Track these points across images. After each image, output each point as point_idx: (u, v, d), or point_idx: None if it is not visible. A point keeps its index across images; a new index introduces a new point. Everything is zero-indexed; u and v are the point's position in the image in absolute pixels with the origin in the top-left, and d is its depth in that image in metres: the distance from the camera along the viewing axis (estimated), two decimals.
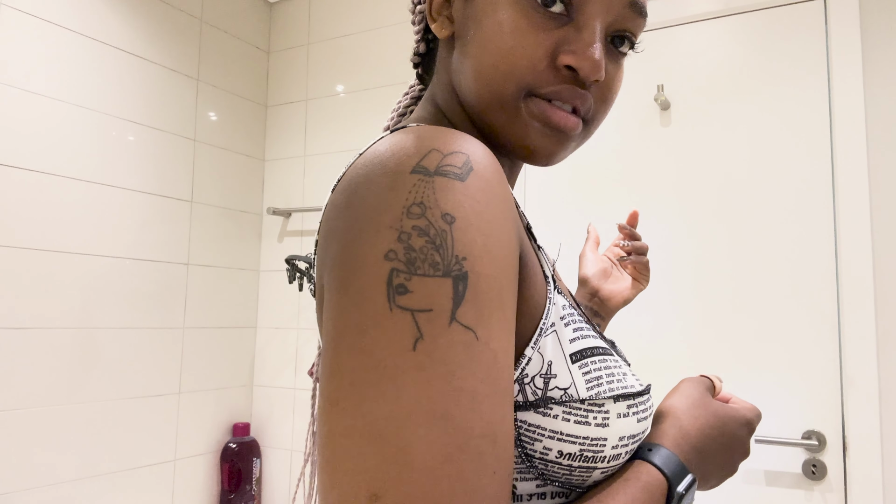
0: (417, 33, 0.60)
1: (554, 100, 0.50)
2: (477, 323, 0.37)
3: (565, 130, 0.51)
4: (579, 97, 0.50)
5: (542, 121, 0.50)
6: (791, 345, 1.54)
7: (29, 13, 1.65)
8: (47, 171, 1.68)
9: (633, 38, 0.53)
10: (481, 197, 0.40)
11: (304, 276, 2.06)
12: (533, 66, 0.49)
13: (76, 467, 1.72)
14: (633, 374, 0.50)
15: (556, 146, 0.52)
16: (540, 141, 0.51)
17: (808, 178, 1.57)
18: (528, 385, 0.44)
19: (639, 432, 0.47)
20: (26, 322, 1.62)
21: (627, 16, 0.51)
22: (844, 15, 1.54)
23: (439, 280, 0.36)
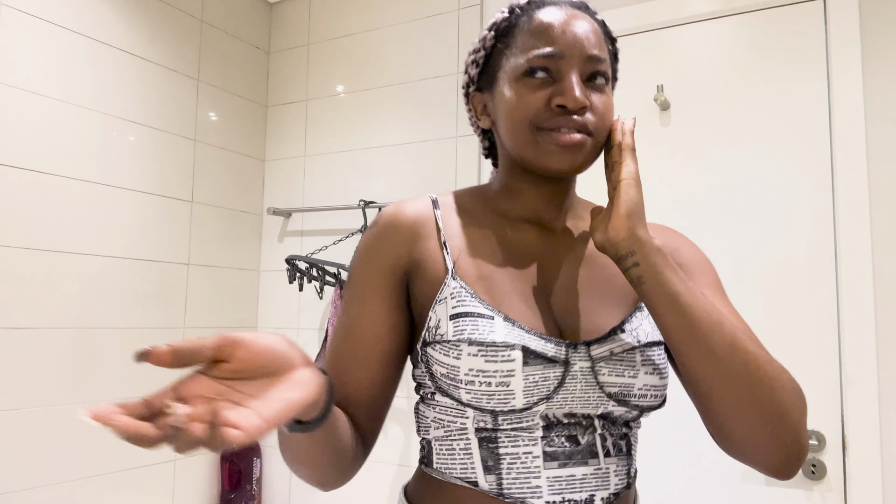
0: (478, 136, 0.88)
1: (561, 127, 0.72)
2: (345, 302, 0.78)
3: (573, 145, 0.71)
4: (576, 123, 0.72)
5: (554, 144, 0.72)
6: (790, 344, 1.54)
7: (29, 13, 1.65)
8: (47, 171, 1.68)
9: (603, 75, 0.74)
10: (364, 241, 0.79)
11: (304, 276, 2.06)
12: (535, 111, 0.72)
13: (76, 467, 1.72)
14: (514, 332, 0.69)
15: (571, 157, 0.72)
16: (556, 158, 0.72)
17: (808, 178, 1.57)
18: (429, 331, 0.72)
19: (489, 370, 0.67)
20: (26, 322, 1.62)
21: (590, 65, 0.73)
22: (844, 15, 1.54)
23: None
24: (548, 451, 0.69)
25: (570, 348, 0.70)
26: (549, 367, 0.68)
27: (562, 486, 0.69)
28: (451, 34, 2.07)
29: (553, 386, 0.68)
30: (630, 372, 0.70)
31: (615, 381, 0.70)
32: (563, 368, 0.69)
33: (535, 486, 0.68)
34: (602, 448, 0.71)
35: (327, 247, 2.10)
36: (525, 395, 0.67)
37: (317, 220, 2.26)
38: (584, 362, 0.70)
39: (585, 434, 0.71)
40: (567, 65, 0.72)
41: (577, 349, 0.70)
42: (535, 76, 0.73)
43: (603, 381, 0.70)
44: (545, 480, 0.69)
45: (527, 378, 0.67)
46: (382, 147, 2.16)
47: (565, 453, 0.69)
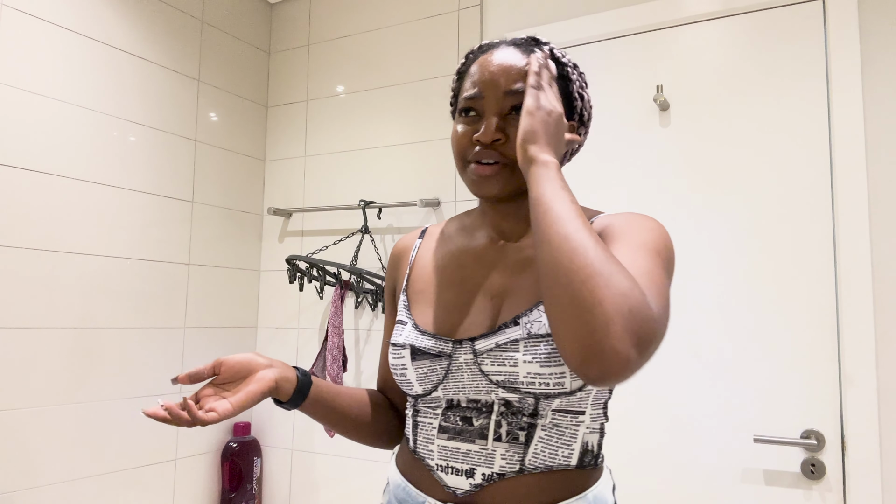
0: None
1: (480, 160, 0.85)
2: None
3: (487, 175, 0.84)
4: (489, 155, 0.84)
5: (475, 174, 0.85)
6: (790, 344, 1.54)
7: (29, 13, 1.65)
8: (47, 171, 1.68)
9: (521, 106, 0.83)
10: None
11: (304, 275, 2.06)
12: (462, 146, 0.87)
13: (76, 467, 1.72)
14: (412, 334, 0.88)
15: (488, 185, 0.85)
16: (477, 186, 0.86)
17: (807, 178, 1.57)
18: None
19: (395, 364, 0.88)
20: (26, 322, 1.62)
21: (508, 101, 0.84)
22: (843, 15, 1.54)
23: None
24: (443, 424, 0.85)
25: (456, 344, 0.84)
26: (435, 360, 0.85)
27: (447, 455, 0.83)
28: (451, 34, 2.07)
29: (441, 376, 0.84)
30: (511, 362, 0.79)
31: (499, 371, 0.80)
32: (447, 361, 0.84)
33: (430, 450, 0.85)
34: (494, 433, 0.82)
35: (327, 247, 2.10)
36: (420, 383, 0.86)
37: (317, 220, 2.26)
38: (468, 355, 0.83)
39: (480, 417, 0.82)
40: (487, 104, 0.85)
41: (461, 345, 0.84)
42: (468, 115, 0.87)
43: (487, 371, 0.81)
44: (436, 447, 0.85)
45: (417, 370, 0.86)
46: (382, 147, 2.16)
47: (455, 429, 0.84)
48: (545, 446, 0.81)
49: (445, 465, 0.83)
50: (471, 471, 0.81)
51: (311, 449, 2.16)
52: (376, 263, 2.11)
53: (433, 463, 0.84)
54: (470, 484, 0.81)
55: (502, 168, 0.84)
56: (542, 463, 0.80)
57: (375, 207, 2.08)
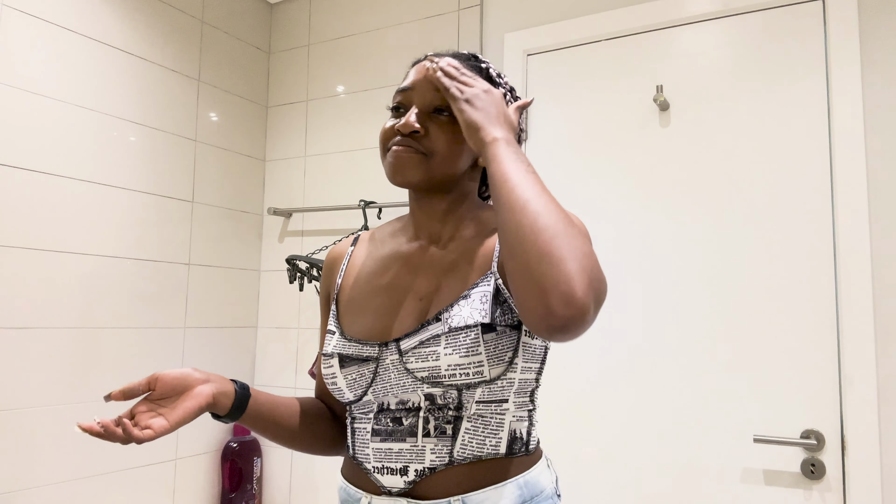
0: None
1: (398, 146, 0.87)
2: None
3: (398, 158, 0.87)
4: (405, 143, 0.87)
5: (391, 158, 0.88)
6: (790, 344, 1.54)
7: (29, 13, 1.65)
8: (47, 171, 1.68)
9: (446, 110, 0.88)
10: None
11: (304, 275, 2.06)
12: (385, 135, 0.90)
13: (76, 467, 1.72)
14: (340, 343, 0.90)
15: (401, 170, 0.87)
16: (391, 171, 0.88)
17: (807, 178, 1.57)
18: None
19: (326, 374, 0.90)
20: (26, 322, 1.62)
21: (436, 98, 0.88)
22: (843, 15, 1.54)
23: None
24: (375, 428, 0.87)
25: (382, 347, 0.86)
26: (363, 365, 0.87)
27: (381, 456, 0.85)
28: (451, 34, 2.07)
29: (369, 379, 0.87)
30: (433, 356, 0.81)
31: (422, 367, 0.82)
32: (375, 364, 0.86)
33: (366, 454, 0.87)
34: (423, 429, 0.84)
35: (328, 247, 2.10)
36: (350, 389, 0.88)
37: (317, 220, 2.26)
38: (393, 356, 0.85)
39: (409, 417, 0.85)
40: (414, 96, 0.89)
41: (388, 346, 0.86)
42: (397, 111, 0.91)
43: (412, 368, 0.83)
44: (371, 450, 0.87)
45: (346, 377, 0.88)
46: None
47: (387, 431, 0.86)
48: (472, 437, 0.83)
49: (381, 467, 0.85)
50: (404, 468, 0.84)
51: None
52: None
53: (370, 465, 0.87)
54: (404, 482, 0.84)
55: (418, 156, 0.87)
56: (471, 453, 0.83)
57: (375, 207, 2.08)
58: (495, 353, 0.81)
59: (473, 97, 0.83)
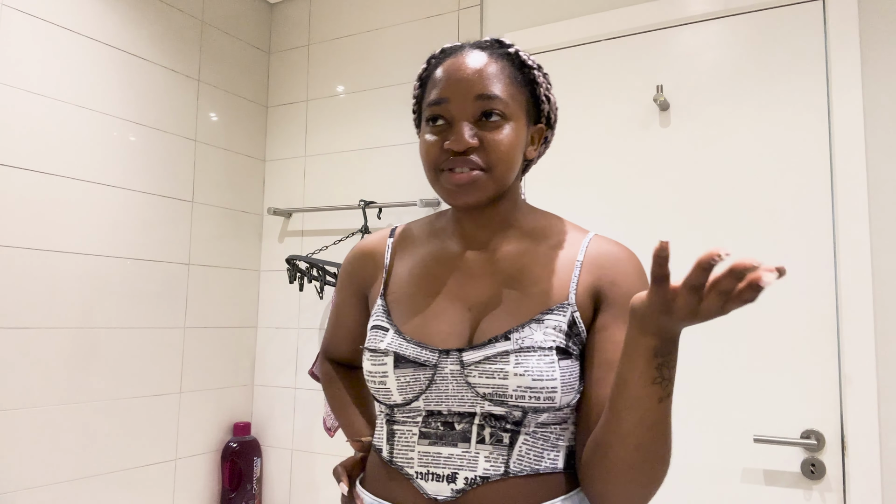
0: None
1: (454, 168, 0.81)
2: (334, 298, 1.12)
3: (464, 183, 0.81)
4: (462, 162, 0.81)
5: (450, 183, 0.82)
6: (790, 344, 1.54)
7: (29, 13, 1.65)
8: (47, 171, 1.68)
9: (494, 112, 0.81)
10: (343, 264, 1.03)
11: (304, 275, 2.06)
12: (434, 156, 0.83)
13: (76, 467, 1.72)
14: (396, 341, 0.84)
15: (465, 194, 0.82)
16: (454, 196, 0.82)
17: (807, 178, 1.57)
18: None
19: (374, 371, 0.84)
20: (26, 322, 1.62)
21: (479, 105, 0.81)
22: (843, 15, 1.54)
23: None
24: (423, 430, 0.82)
25: (442, 354, 0.81)
26: (419, 370, 0.82)
27: (428, 461, 0.80)
28: (451, 34, 2.07)
29: (423, 386, 0.81)
30: (500, 374, 0.77)
31: (486, 383, 0.78)
32: (432, 371, 0.81)
33: (410, 458, 0.82)
34: (477, 435, 0.79)
35: (327, 247, 2.10)
36: (400, 392, 0.83)
37: (317, 220, 2.26)
38: (454, 366, 0.80)
39: (462, 422, 0.80)
40: (455, 109, 0.82)
41: (448, 355, 0.81)
42: (435, 123, 0.84)
43: (474, 383, 0.79)
44: (416, 454, 0.81)
45: (398, 378, 0.82)
46: (382, 147, 2.16)
47: (437, 434, 0.81)
48: (530, 449, 0.79)
49: (426, 472, 0.80)
50: (453, 475, 0.79)
51: (311, 449, 2.16)
52: None
53: (412, 471, 0.81)
54: (451, 489, 0.78)
55: (479, 174, 0.81)
56: (528, 466, 0.79)
57: (375, 207, 2.08)
58: (568, 381, 0.78)
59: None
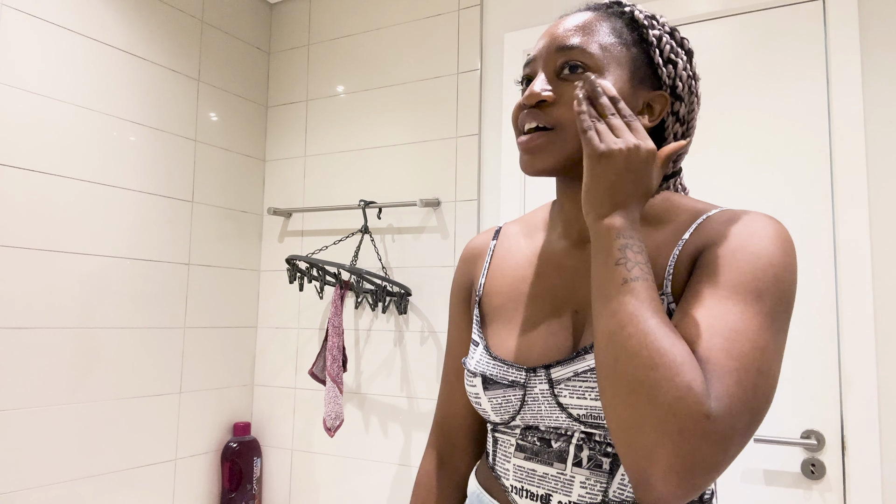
0: None
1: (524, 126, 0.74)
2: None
3: (526, 147, 0.73)
4: (532, 117, 0.72)
5: (520, 149, 0.74)
6: (790, 344, 1.54)
7: (29, 13, 1.65)
8: (47, 171, 1.68)
9: (576, 63, 0.72)
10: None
11: (304, 276, 2.06)
12: (515, 117, 0.76)
13: (76, 467, 1.72)
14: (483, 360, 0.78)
15: (530, 158, 0.73)
16: (523, 162, 0.74)
17: (808, 178, 1.57)
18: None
19: (469, 391, 0.79)
20: (26, 322, 1.62)
21: (558, 57, 0.73)
22: (843, 15, 1.54)
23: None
24: (520, 443, 0.75)
25: (530, 373, 0.73)
26: (510, 390, 0.74)
27: (523, 476, 0.74)
28: (451, 34, 2.07)
29: (517, 406, 0.74)
30: (592, 393, 0.67)
31: (578, 404, 0.68)
32: (522, 391, 0.73)
33: (506, 469, 0.76)
34: (574, 457, 0.70)
35: (327, 247, 2.10)
36: (495, 412, 0.77)
37: (317, 220, 2.26)
38: (543, 385, 0.71)
39: (560, 441, 0.72)
40: (539, 65, 0.75)
41: (536, 373, 0.72)
42: (527, 84, 0.77)
43: (565, 404, 0.69)
44: (512, 466, 0.75)
45: (491, 400, 0.76)
46: (382, 147, 2.16)
47: (533, 449, 0.74)
48: None
49: (520, 488, 0.74)
50: (546, 497, 0.71)
51: (311, 449, 2.16)
52: (376, 263, 2.11)
53: (508, 483, 0.75)
54: None
55: (551, 135, 0.71)
56: (630, 497, 0.68)
57: (375, 207, 2.08)
58: None
59: (614, 153, 0.63)
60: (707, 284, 0.62)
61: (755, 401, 0.55)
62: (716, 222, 0.69)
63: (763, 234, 0.65)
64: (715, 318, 0.59)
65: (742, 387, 0.55)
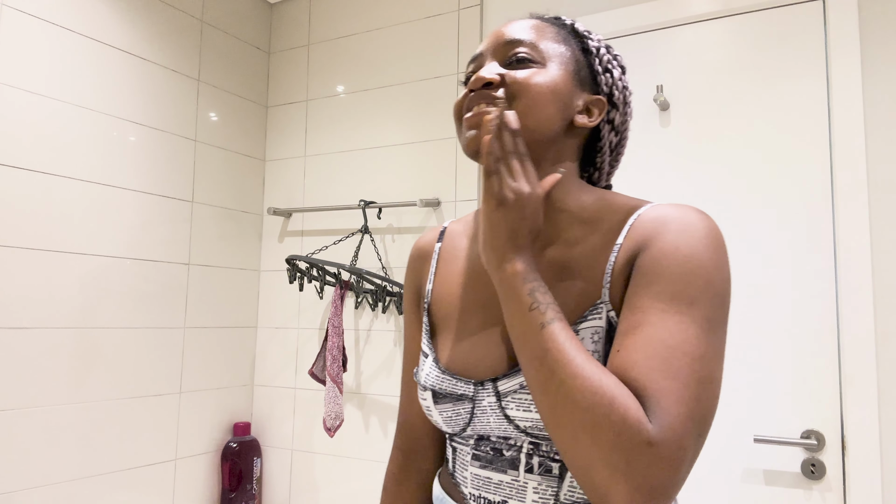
0: None
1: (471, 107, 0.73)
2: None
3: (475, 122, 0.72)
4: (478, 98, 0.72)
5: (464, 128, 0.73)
6: (790, 344, 1.54)
7: (29, 13, 1.65)
8: (47, 171, 1.68)
9: (524, 55, 0.73)
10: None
11: (304, 276, 2.06)
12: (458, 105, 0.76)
13: (76, 467, 1.72)
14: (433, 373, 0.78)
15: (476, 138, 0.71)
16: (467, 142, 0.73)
17: (808, 178, 1.57)
18: None
19: (421, 403, 0.79)
20: (26, 322, 1.62)
21: (506, 49, 0.75)
22: (843, 15, 1.54)
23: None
24: (475, 452, 0.76)
25: (478, 386, 0.73)
26: (459, 403, 0.75)
27: (480, 484, 0.75)
28: (451, 34, 2.07)
29: (466, 419, 0.74)
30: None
31: (525, 416, 0.69)
32: (471, 405, 0.73)
33: (465, 476, 0.77)
34: (525, 464, 0.71)
35: (327, 247, 2.10)
36: (447, 424, 0.77)
37: (317, 220, 2.26)
38: (491, 398, 0.72)
39: (510, 450, 0.73)
40: (485, 61, 0.76)
41: (484, 385, 0.72)
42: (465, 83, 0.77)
43: (512, 416, 0.70)
44: (470, 474, 0.76)
45: (442, 413, 0.77)
46: (382, 147, 2.16)
47: (487, 458, 0.74)
48: None
49: (478, 495, 0.75)
50: (503, 502, 0.73)
51: (311, 449, 2.16)
52: (376, 263, 2.11)
53: (467, 491, 0.76)
54: None
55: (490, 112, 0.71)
56: (583, 498, 0.70)
57: (375, 207, 2.08)
58: None
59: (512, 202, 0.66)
60: (641, 297, 0.63)
61: (699, 411, 0.57)
62: (646, 221, 0.69)
63: (692, 234, 0.65)
64: (651, 336, 0.60)
65: (684, 403, 0.57)
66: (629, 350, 0.60)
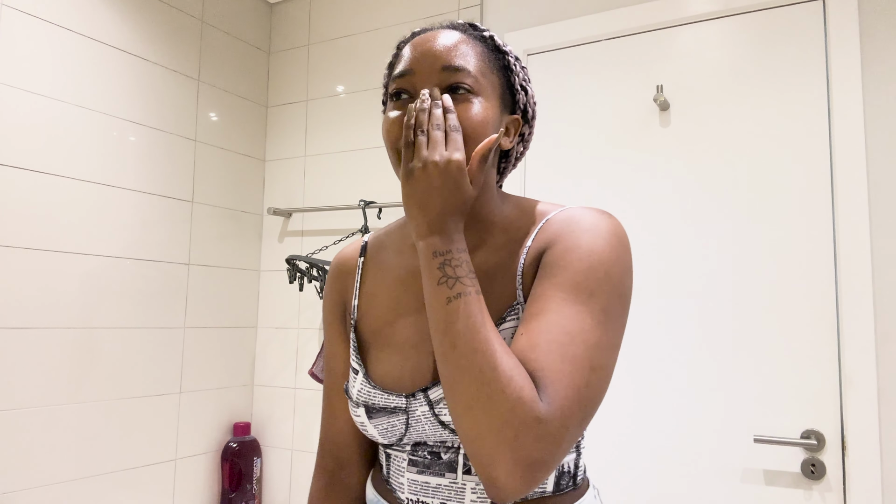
0: None
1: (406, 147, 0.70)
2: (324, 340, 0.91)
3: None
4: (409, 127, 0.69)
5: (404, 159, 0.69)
6: (790, 344, 1.54)
7: (29, 13, 1.65)
8: (48, 171, 1.68)
9: (462, 85, 0.72)
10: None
11: (304, 275, 2.06)
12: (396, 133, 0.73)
13: (76, 467, 1.72)
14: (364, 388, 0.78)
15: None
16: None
17: (808, 178, 1.57)
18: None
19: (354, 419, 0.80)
20: (26, 322, 1.62)
21: (445, 76, 0.72)
22: (843, 15, 1.54)
23: None
24: (412, 458, 0.77)
25: (410, 397, 0.74)
26: (393, 415, 0.76)
27: (417, 489, 0.76)
28: None
29: (402, 430, 0.76)
30: None
31: None
32: (405, 416, 0.75)
33: (401, 483, 0.78)
34: (463, 465, 0.74)
35: (327, 247, 2.10)
36: (383, 436, 0.78)
37: (317, 220, 2.26)
38: (423, 407, 0.74)
39: (448, 452, 0.75)
40: (420, 81, 0.73)
41: (415, 397, 0.74)
42: (399, 98, 0.75)
43: (447, 421, 0.72)
44: (406, 480, 0.77)
45: (377, 426, 0.77)
46: (382, 147, 2.16)
47: (424, 463, 0.76)
48: None
49: (416, 500, 0.76)
50: None
51: (311, 449, 2.16)
52: None
53: (403, 497, 0.77)
54: None
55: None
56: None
57: (375, 207, 2.08)
58: None
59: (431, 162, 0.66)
60: (545, 288, 0.67)
61: (588, 395, 0.62)
62: (555, 223, 0.74)
63: (594, 232, 0.70)
64: (551, 323, 0.64)
65: (574, 387, 0.61)
66: (531, 333, 0.64)
